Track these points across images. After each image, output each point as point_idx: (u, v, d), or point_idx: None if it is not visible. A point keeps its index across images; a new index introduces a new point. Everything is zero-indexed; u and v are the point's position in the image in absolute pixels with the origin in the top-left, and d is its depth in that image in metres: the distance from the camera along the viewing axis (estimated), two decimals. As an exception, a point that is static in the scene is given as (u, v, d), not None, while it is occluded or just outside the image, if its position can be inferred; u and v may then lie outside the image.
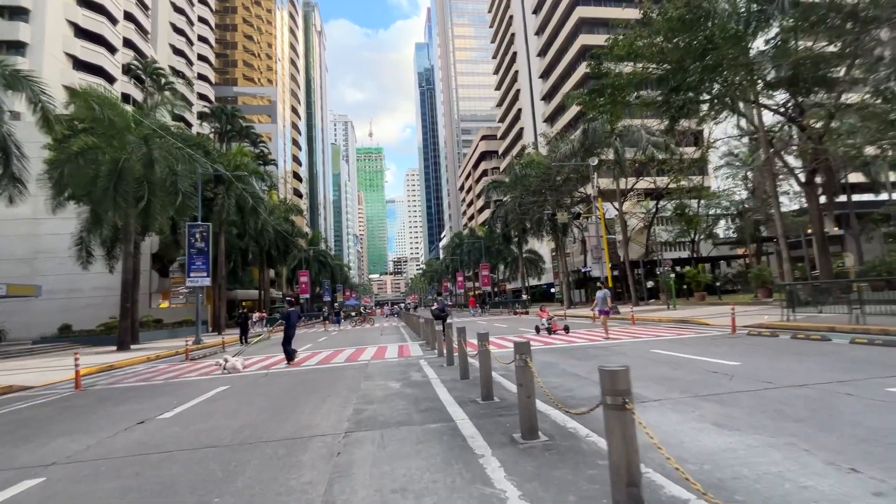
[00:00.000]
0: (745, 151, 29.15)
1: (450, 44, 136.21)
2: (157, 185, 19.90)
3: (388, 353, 12.06)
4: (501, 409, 5.04)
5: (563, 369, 7.60)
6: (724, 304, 23.19)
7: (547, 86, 59.86)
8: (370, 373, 8.58)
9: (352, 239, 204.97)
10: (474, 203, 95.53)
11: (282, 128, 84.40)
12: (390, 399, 5.99)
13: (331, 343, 17.07)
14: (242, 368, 10.51)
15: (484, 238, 56.41)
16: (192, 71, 64.68)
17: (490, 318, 29.79)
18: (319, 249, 66.71)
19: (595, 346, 10.48)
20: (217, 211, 29.23)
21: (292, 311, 11.42)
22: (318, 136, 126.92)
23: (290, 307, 11.71)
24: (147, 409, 6.44)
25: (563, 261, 36.12)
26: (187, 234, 20.66)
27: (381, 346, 13.92)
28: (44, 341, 24.75)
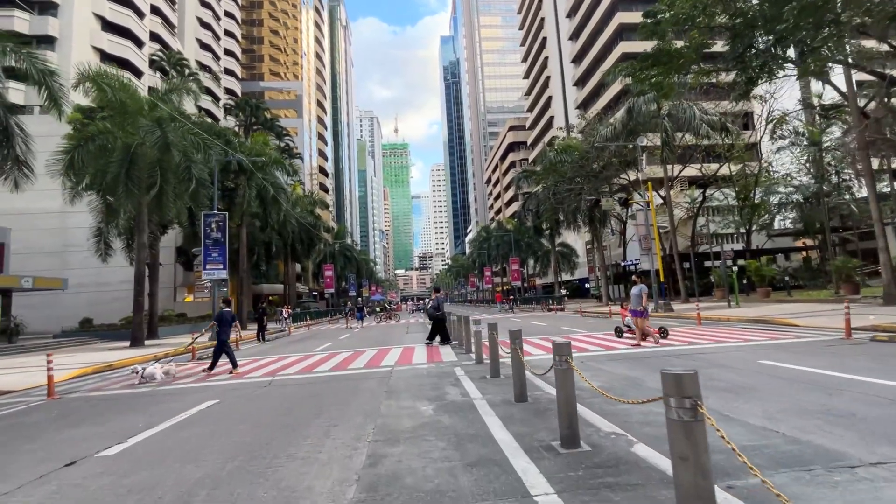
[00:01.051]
0: (814, 129, 25.88)
1: (476, 34, 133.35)
2: (170, 172, 18.75)
3: (416, 356, 10.25)
4: (602, 466, 3.11)
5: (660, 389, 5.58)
6: (794, 300, 20.37)
7: (580, 70, 56.76)
8: (394, 386, 6.78)
9: (378, 234, 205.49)
10: (502, 196, 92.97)
11: (307, 122, 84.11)
12: (422, 436, 4.13)
13: (352, 342, 15.45)
14: (172, 377, 8.99)
15: (513, 231, 54.09)
16: (219, 66, 64.71)
17: (523, 316, 27.70)
18: (345, 244, 65.93)
19: (677, 354, 8.36)
20: (238, 202, 28.23)
21: (226, 312, 9.76)
22: (343, 132, 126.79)
23: (225, 306, 10.01)
24: (97, 438, 4.82)
25: (601, 254, 33.57)
26: (203, 223, 19.48)
27: (408, 348, 12.15)
28: (64, 335, 24.26)
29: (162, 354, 14.23)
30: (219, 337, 9.55)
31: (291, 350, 13.82)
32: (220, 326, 9.57)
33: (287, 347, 14.86)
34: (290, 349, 14.17)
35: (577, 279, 51.77)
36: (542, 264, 53.26)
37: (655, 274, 20.42)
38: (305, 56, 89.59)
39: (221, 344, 9.52)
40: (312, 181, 78.71)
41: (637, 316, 9.80)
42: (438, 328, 12.49)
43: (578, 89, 57.70)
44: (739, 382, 5.61)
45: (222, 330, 9.56)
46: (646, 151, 27.49)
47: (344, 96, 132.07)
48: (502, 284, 70.22)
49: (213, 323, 9.74)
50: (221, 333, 9.54)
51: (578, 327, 15.63)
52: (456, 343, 12.14)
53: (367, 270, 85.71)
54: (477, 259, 74.48)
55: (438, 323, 12.52)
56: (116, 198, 18.12)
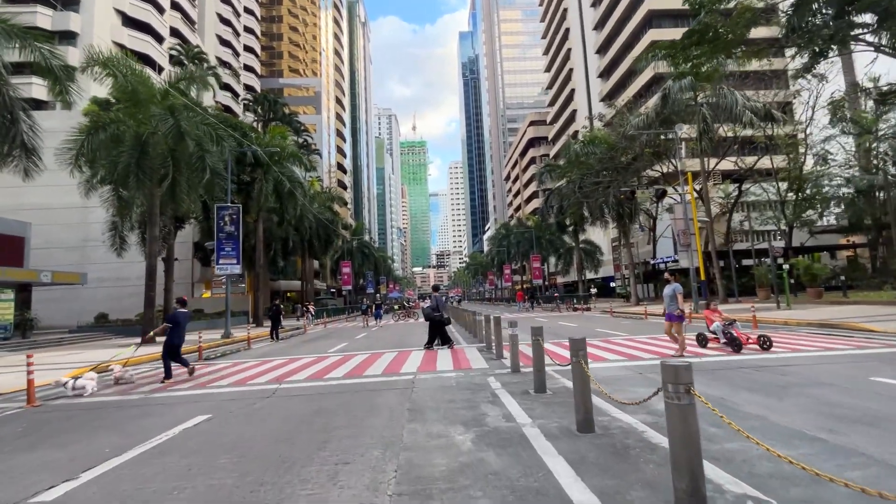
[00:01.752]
0: (867, 115, 23.72)
1: (495, 29, 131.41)
2: (182, 163, 18.05)
3: (440, 361, 9.10)
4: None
5: (773, 422, 4.28)
6: (851, 302, 18.48)
7: (605, 61, 54.69)
8: (418, 401, 5.63)
9: (395, 232, 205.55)
10: (521, 193, 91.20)
11: (326, 119, 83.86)
12: (463, 489, 2.96)
13: (369, 342, 14.41)
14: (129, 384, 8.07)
15: (534, 228, 52.51)
16: (238, 62, 64.78)
17: (548, 315, 26.31)
18: (363, 241, 65.35)
19: (755, 366, 6.99)
20: (255, 196, 27.58)
21: (180, 313, 8.65)
22: (362, 129, 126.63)
23: (179, 307, 8.90)
24: (46, 470, 3.81)
25: (630, 251, 31.87)
26: (216, 216, 18.74)
27: (429, 350, 11.01)
28: (80, 330, 23.97)
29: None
30: (170, 340, 8.39)
31: (305, 350, 12.85)
32: (174, 329, 8.42)
33: (300, 347, 13.91)
34: (304, 349, 13.20)
35: (600, 277, 49.91)
36: (565, 262, 51.53)
37: (695, 272, 18.83)
38: (324, 53, 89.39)
39: (171, 348, 8.38)
40: (331, 178, 78.42)
41: (673, 320, 8.19)
42: (438, 331, 11.23)
43: (603, 81, 55.64)
44: (870, 410, 4.27)
45: (174, 332, 8.41)
46: (682, 143, 25.77)
47: (362, 93, 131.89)
48: (522, 283, 68.64)
49: (166, 325, 8.50)
50: (174, 336, 8.39)
51: (615, 329, 14.26)
52: (483, 346, 10.95)
53: (385, 268, 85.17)
54: (496, 257, 73.05)
55: (437, 325, 11.20)
56: (128, 189, 17.50)
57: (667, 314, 8.35)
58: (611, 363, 7.83)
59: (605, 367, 7.51)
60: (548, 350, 8.99)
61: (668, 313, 8.27)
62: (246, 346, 14.75)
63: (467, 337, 14.37)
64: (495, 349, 9.19)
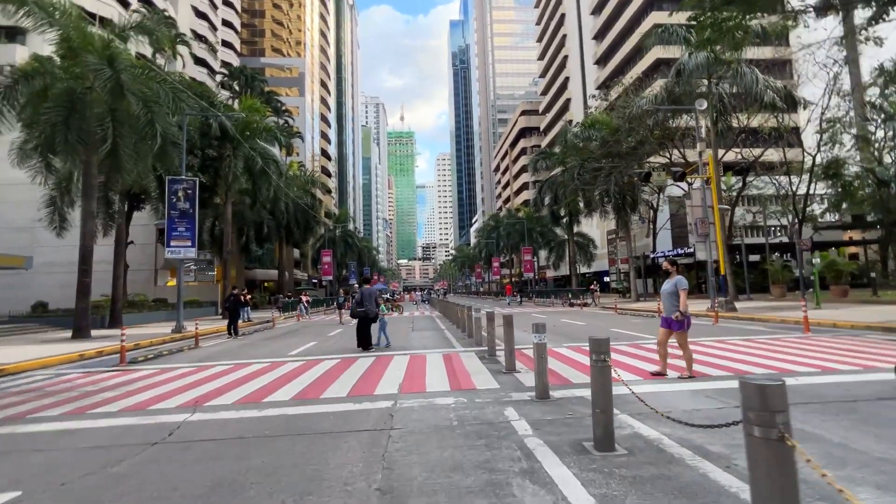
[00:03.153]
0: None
1: (487, 16, 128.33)
2: (126, 126, 15.26)
3: (431, 375, 6.77)
4: None
5: None
6: (887, 301, 16.73)
7: (602, 47, 52.60)
8: (397, 470, 3.25)
9: (381, 223, 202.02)
10: (511, 184, 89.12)
11: (310, 102, 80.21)
12: None
13: (342, 341, 12.01)
14: None
15: (525, 219, 50.45)
16: (216, 37, 60.87)
17: (542, 311, 24.21)
18: (347, 230, 62.52)
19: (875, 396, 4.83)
20: (224, 174, 24.75)
21: None
22: (348, 115, 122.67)
23: None
24: None
25: (630, 243, 29.98)
26: (167, 190, 16.00)
27: (415, 356, 8.70)
28: (12, 321, 20.96)
29: (94, 352, 10.87)
30: None
31: (261, 352, 10.40)
32: None
33: (258, 347, 11.44)
34: (261, 350, 10.75)
35: (593, 272, 48.19)
36: (557, 255, 49.66)
37: (715, 266, 16.86)
38: (309, 33, 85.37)
39: None
40: (314, 164, 75.03)
41: (672, 328, 5.83)
42: (362, 331, 9.68)
43: (600, 68, 53.57)
44: None
45: None
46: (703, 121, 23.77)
47: (349, 79, 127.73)
48: (511, 276, 66.75)
49: None
50: None
51: (628, 328, 12.13)
52: (484, 351, 8.67)
53: (370, 258, 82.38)
54: (484, 248, 70.97)
55: (362, 324, 9.65)
56: (56, 154, 14.68)
57: (663, 318, 6.02)
58: (674, 386, 5.60)
59: (671, 390, 5.28)
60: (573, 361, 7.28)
61: (665, 317, 5.92)
62: (193, 345, 12.21)
63: (459, 336, 12.08)
64: (505, 359, 6.88)
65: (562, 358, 7.75)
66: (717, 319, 13.38)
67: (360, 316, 9.61)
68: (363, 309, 9.59)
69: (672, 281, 5.91)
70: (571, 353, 8.32)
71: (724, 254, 17.00)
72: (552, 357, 7.70)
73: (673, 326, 5.82)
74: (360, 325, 9.67)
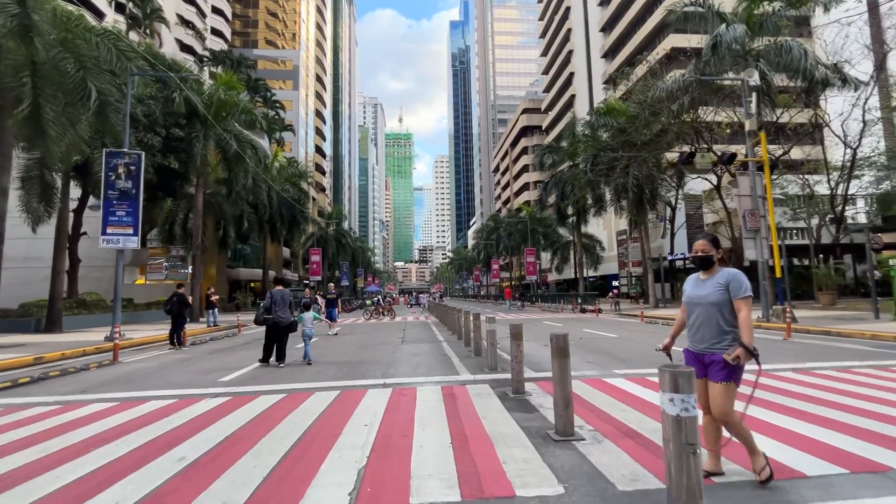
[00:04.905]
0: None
1: (488, 15, 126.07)
2: (52, 82, 12.35)
3: (422, 437, 3.86)
4: None
5: None
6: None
7: (610, 40, 50.05)
8: None
9: (378, 225, 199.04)
10: (511, 185, 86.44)
11: (304, 96, 77.37)
12: None
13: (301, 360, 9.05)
14: None
15: (528, 217, 47.64)
16: (205, 23, 57.99)
17: (555, 318, 21.32)
18: (340, 229, 59.52)
19: None
20: (194, 157, 21.75)
21: None
22: (344, 113, 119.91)
23: None
24: None
25: (646, 243, 27.22)
26: (104, 166, 13.02)
27: (400, 392, 5.77)
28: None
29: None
30: None
31: (185, 376, 7.44)
32: None
33: (188, 367, 8.47)
34: (188, 373, 7.79)
35: (600, 276, 45.40)
36: (561, 257, 46.85)
37: (768, 268, 14.03)
38: (304, 25, 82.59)
39: None
40: (307, 160, 72.03)
41: (712, 377, 2.74)
42: (273, 340, 8.12)
43: (608, 61, 51.01)
44: None
45: None
46: (752, 94, 21.15)
47: (346, 76, 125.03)
48: (510, 279, 63.88)
49: None
50: None
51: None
52: (505, 383, 5.75)
53: (364, 260, 79.39)
54: (483, 250, 68.09)
55: (271, 331, 8.06)
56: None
57: (690, 354, 2.95)
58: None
59: None
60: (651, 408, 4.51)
61: (698, 353, 2.86)
62: (111, 360, 9.23)
63: (461, 351, 9.15)
64: (556, 414, 3.90)
65: (629, 399, 4.84)
66: (789, 333, 10.51)
67: (269, 325, 7.93)
68: (270, 316, 7.86)
69: (718, 279, 2.81)
70: (636, 388, 5.41)
71: (779, 253, 14.17)
72: (609, 396, 4.79)
73: (713, 375, 2.73)
74: (268, 335, 8.07)
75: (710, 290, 2.80)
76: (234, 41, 71.11)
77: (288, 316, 7.98)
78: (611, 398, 4.98)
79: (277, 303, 7.91)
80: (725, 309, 2.74)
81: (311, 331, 8.71)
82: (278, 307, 7.90)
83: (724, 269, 2.84)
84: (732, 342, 2.70)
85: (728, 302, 2.74)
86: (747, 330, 2.65)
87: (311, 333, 8.70)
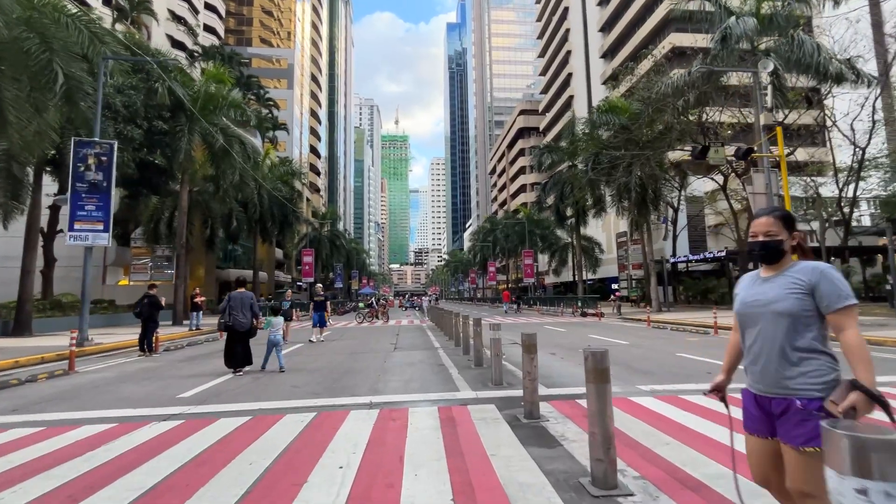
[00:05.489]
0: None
1: (485, 16, 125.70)
2: (14, 64, 11.34)
3: (413, 462, 2.97)
4: None
5: None
6: None
7: (609, 40, 49.47)
8: None
9: (373, 227, 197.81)
10: (507, 187, 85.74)
11: (299, 95, 76.39)
12: None
13: (284, 371, 8.06)
14: None
15: (526, 218, 46.84)
16: (197, 20, 56.85)
17: (557, 322, 20.43)
18: (335, 230, 58.46)
19: None
20: (177, 152, 20.70)
21: None
22: (340, 113, 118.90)
23: None
24: None
25: (648, 245, 26.45)
26: (73, 156, 11.99)
27: (389, 413, 4.82)
28: None
29: None
30: None
31: (144, 389, 6.45)
32: None
33: (151, 380, 7.47)
34: (151, 385, 6.79)
35: (598, 278, 44.62)
36: (560, 259, 46.03)
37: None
38: (300, 23, 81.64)
39: None
40: (301, 160, 70.98)
41: (790, 440, 1.64)
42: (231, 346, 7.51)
43: (607, 61, 50.41)
44: None
45: None
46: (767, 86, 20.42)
47: (342, 76, 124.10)
48: (507, 282, 63.01)
49: None
50: None
51: (694, 352, 8.32)
52: (513, 404, 4.82)
53: (359, 261, 78.28)
54: (479, 252, 67.21)
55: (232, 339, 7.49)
56: None
57: (766, 399, 1.72)
58: None
59: None
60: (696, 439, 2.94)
61: (780, 398, 1.68)
62: (66, 369, 8.21)
63: (459, 361, 8.20)
64: (590, 459, 2.93)
65: (669, 427, 3.91)
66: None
67: (226, 329, 7.50)
68: (226, 320, 7.45)
69: (793, 276, 1.72)
70: (671, 411, 4.47)
71: (796, 254, 13.33)
72: (643, 423, 3.85)
73: (788, 433, 1.64)
74: (227, 339, 7.59)
75: (781, 292, 1.72)
76: (227, 39, 69.95)
77: (247, 321, 7.42)
78: (646, 425, 4.05)
79: (235, 306, 7.33)
80: (807, 323, 1.67)
81: (276, 337, 7.78)
82: (235, 310, 7.33)
83: (803, 263, 1.76)
84: (829, 381, 1.63)
85: (812, 313, 1.67)
86: (862, 362, 1.55)
87: (277, 340, 7.77)
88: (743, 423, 1.83)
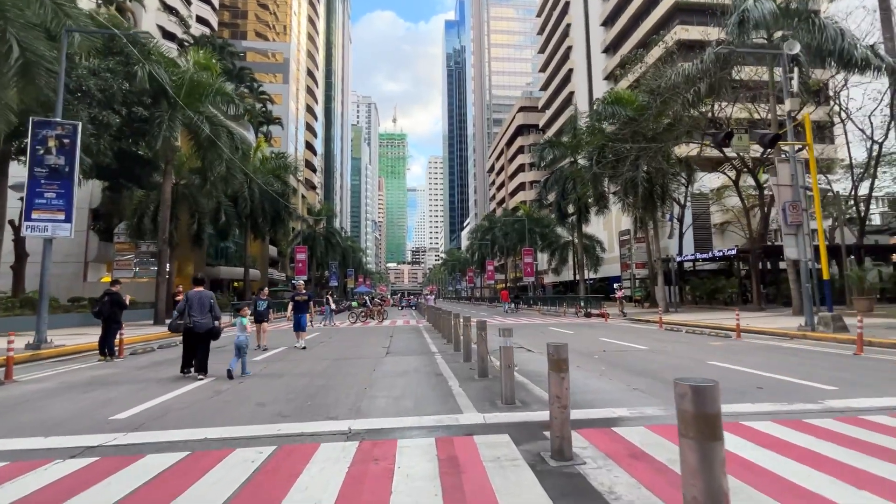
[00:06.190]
0: None
1: (484, 13, 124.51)
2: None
3: None
4: None
5: None
6: None
7: (611, 34, 48.41)
8: None
9: (370, 225, 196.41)
10: (506, 185, 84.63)
11: (294, 91, 75.03)
12: None
13: (249, 383, 6.92)
14: None
15: (526, 216, 45.76)
16: (190, 11, 55.45)
17: (562, 323, 19.33)
18: (330, 227, 57.24)
19: None
20: (159, 140, 19.47)
21: None
22: (337, 110, 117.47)
23: None
24: None
25: (655, 243, 25.40)
26: (31, 137, 10.79)
27: (371, 448, 3.69)
28: None
29: None
30: None
31: (64, 412, 5.30)
32: None
33: (85, 394, 6.31)
34: (76, 405, 5.64)
35: (600, 277, 43.58)
36: (559, 259, 44.96)
37: (813, 269, 12.18)
38: (296, 17, 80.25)
39: None
40: (297, 156, 69.66)
41: None
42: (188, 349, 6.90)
43: (608, 56, 49.37)
44: None
45: None
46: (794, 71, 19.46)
47: (339, 73, 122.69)
48: (505, 281, 61.94)
49: None
50: None
51: (730, 360, 7.22)
52: (534, 434, 3.69)
53: (355, 260, 77.00)
54: (478, 251, 66.10)
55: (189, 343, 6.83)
56: None
57: None
58: None
59: None
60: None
61: None
62: (2, 378, 7.04)
63: (461, 370, 7.06)
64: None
65: (750, 475, 2.79)
66: (860, 347, 8.59)
67: (184, 332, 6.64)
68: (182, 322, 6.58)
69: None
70: (744, 446, 3.35)
71: (825, 251, 12.28)
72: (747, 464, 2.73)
73: None
74: (185, 342, 6.90)
75: None
76: (221, 31, 68.56)
77: (206, 322, 6.60)
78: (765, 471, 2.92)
79: (193, 306, 6.45)
80: None
81: (243, 339, 6.89)
82: (193, 311, 6.45)
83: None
84: None
85: None
86: None
87: (243, 343, 6.89)
88: None
